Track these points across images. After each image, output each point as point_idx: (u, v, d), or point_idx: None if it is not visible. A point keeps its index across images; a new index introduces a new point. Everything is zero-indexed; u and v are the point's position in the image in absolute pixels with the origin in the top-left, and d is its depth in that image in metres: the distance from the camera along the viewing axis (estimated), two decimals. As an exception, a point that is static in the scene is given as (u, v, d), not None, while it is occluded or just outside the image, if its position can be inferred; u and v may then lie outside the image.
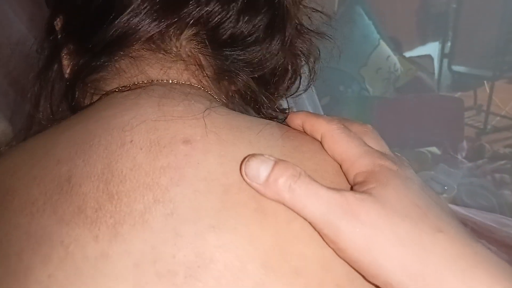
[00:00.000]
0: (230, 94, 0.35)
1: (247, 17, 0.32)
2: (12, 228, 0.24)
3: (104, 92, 0.31)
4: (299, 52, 0.36)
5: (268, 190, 0.23)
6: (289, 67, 0.36)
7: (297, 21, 0.36)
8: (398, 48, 1.80)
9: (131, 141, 0.25)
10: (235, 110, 0.30)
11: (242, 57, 0.33)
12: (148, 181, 0.24)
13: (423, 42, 2.10)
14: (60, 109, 0.36)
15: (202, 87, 0.31)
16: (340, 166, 0.26)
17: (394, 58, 1.69)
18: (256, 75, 0.34)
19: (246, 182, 0.23)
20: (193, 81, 0.31)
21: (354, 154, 0.25)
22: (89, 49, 0.31)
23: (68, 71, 0.34)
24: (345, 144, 0.25)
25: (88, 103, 0.33)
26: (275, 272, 0.22)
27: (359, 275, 0.23)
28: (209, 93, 0.32)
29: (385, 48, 1.67)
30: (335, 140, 0.26)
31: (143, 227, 0.22)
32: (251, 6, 0.32)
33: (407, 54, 1.88)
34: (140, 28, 0.30)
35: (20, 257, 0.23)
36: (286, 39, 0.34)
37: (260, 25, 0.33)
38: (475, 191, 1.26)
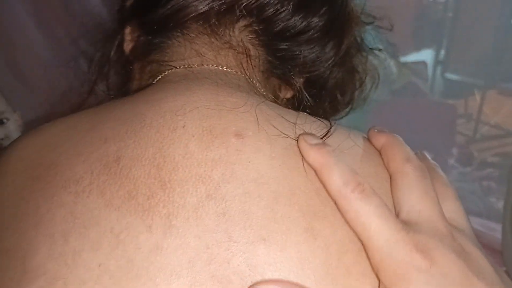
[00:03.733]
0: (278, 93, 0.34)
1: (302, 13, 0.31)
2: (55, 206, 0.23)
3: (157, 74, 0.31)
4: (356, 69, 0.35)
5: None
6: (344, 84, 0.34)
7: (357, 36, 0.35)
8: (394, 53, 1.82)
9: (184, 126, 0.24)
10: None
11: (293, 53, 0.32)
12: (201, 173, 0.23)
13: (418, 48, 2.13)
14: (111, 93, 0.35)
15: (251, 79, 0.31)
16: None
17: (390, 62, 1.71)
18: (307, 78, 0.33)
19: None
20: (242, 71, 0.31)
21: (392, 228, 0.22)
22: (148, 25, 0.31)
23: (129, 48, 0.34)
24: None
25: (142, 85, 0.32)
26: None
27: None
28: (258, 87, 0.31)
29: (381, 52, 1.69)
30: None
31: (197, 223, 0.22)
32: (308, 4, 0.31)
33: (402, 59, 1.90)
34: (193, 3, 0.30)
35: (66, 239, 0.22)
36: (342, 46, 0.33)
37: (317, 25, 0.32)
38: (464, 196, 1.28)
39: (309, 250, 0.21)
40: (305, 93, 0.34)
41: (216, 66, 0.30)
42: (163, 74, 0.30)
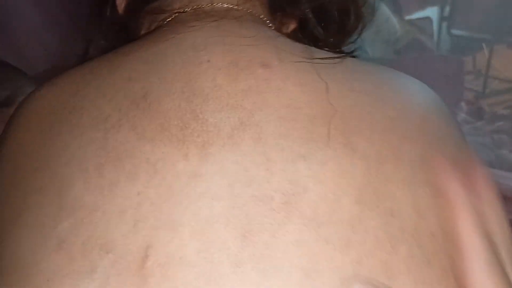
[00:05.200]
0: (282, 28, 0.34)
1: None
2: (85, 143, 0.22)
3: (164, 19, 0.30)
4: None
5: None
6: (350, 6, 0.35)
7: None
8: (397, 11, 1.79)
9: (209, 61, 0.24)
10: None
11: None
12: (232, 103, 0.23)
13: (423, 6, 2.09)
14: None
15: (260, 15, 0.31)
16: None
17: (394, 20, 1.69)
18: (315, 8, 0.33)
19: None
20: (249, 7, 0.31)
21: None
22: None
23: (122, 6, 0.34)
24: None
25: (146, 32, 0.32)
26: (370, 210, 0.21)
27: (451, 230, 0.22)
28: (267, 23, 0.31)
29: (384, 10, 1.66)
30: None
31: (233, 149, 0.22)
32: None
33: (407, 17, 1.87)
34: None
35: (100, 172, 0.22)
36: None
37: None
38: (476, 148, 1.28)
39: (349, 163, 0.22)
40: (313, 19, 0.33)
41: (227, 5, 0.30)
42: (171, 17, 0.30)
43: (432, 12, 2.07)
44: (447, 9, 2.09)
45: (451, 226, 0.23)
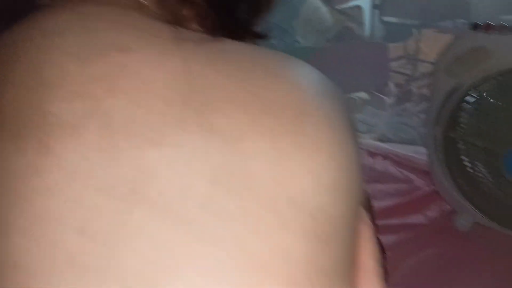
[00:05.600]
0: (180, 14, 0.31)
1: None
2: None
3: None
4: None
5: None
6: None
7: None
8: (328, 0, 1.84)
9: (58, 47, 0.23)
10: None
11: None
12: (79, 90, 0.22)
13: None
14: None
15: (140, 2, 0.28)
16: None
17: (324, 10, 1.74)
18: None
19: None
20: None
21: None
22: None
23: None
24: None
25: None
26: (224, 187, 0.21)
27: (316, 191, 0.23)
28: (147, 5, 0.28)
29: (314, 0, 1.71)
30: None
31: (76, 140, 0.21)
32: None
33: (337, 6, 1.93)
34: None
35: None
36: None
37: None
38: (399, 128, 1.35)
39: (204, 144, 0.21)
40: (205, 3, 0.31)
41: None
42: None
43: (363, 1, 2.14)
44: (378, -3, 2.17)
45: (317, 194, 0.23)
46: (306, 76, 0.27)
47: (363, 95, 1.57)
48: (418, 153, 1.17)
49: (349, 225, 0.24)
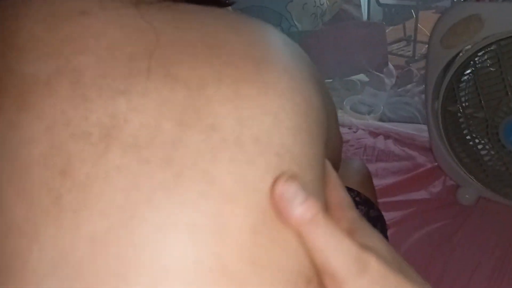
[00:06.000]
0: None
1: None
2: None
3: None
4: None
5: (294, 216, 0.22)
6: None
7: None
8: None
9: (26, 14, 0.25)
10: None
11: None
12: (49, 51, 0.23)
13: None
14: None
15: None
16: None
17: (320, -7, 1.72)
18: None
19: (274, 196, 0.22)
20: None
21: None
22: None
23: None
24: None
25: None
26: (191, 128, 0.22)
27: (279, 131, 0.24)
28: None
29: (309, -17, 1.70)
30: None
31: (50, 94, 0.22)
32: None
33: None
34: None
35: None
36: None
37: None
38: (400, 107, 1.34)
39: (170, 91, 0.23)
40: None
41: None
42: None
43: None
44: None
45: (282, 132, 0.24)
46: (266, 33, 0.29)
47: (362, 77, 1.56)
48: (419, 131, 1.17)
49: (314, 167, 0.25)
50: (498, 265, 0.82)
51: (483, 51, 0.79)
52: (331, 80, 1.53)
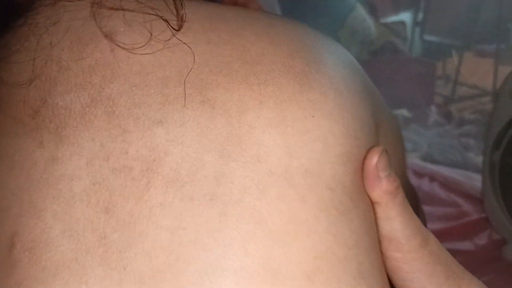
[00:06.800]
0: None
1: None
2: None
3: None
4: None
5: (381, 186, 0.23)
6: None
7: None
8: (373, 13, 1.83)
9: (50, 43, 0.24)
10: None
11: None
12: (80, 82, 0.23)
13: (397, 10, 2.14)
14: None
15: None
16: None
17: (369, 22, 1.72)
18: None
19: (368, 164, 0.23)
20: None
21: None
22: None
23: None
24: None
25: None
26: (235, 161, 0.21)
27: (329, 160, 0.22)
28: None
29: (361, 11, 1.69)
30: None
31: (87, 127, 0.22)
32: None
33: (382, 20, 1.91)
34: None
35: None
36: None
37: None
38: (444, 150, 1.31)
39: (208, 119, 0.22)
40: None
41: None
42: None
43: (406, 16, 2.12)
44: (420, 14, 2.15)
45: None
46: (307, 38, 0.26)
47: (404, 112, 1.54)
48: (465, 177, 1.13)
49: (368, 198, 0.24)
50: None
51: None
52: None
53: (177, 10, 0.24)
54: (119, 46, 0.23)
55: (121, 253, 0.20)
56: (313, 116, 0.23)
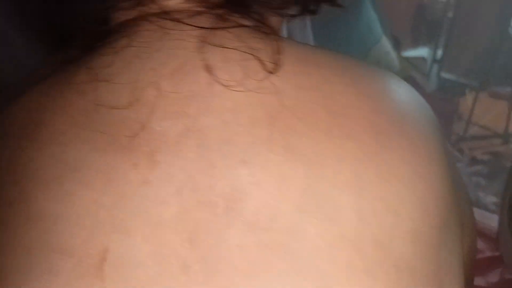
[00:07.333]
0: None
1: None
2: (46, 157, 0.24)
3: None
4: None
5: None
6: None
7: None
8: (396, 46, 1.86)
9: (153, 68, 0.25)
10: None
11: None
12: (177, 110, 0.24)
13: (416, 45, 2.17)
14: None
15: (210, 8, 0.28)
16: None
17: (393, 55, 1.75)
18: None
19: None
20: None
21: None
22: None
23: None
24: None
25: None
26: (310, 217, 0.21)
27: (399, 235, 0.22)
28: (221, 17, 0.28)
29: (386, 43, 1.72)
30: None
31: (179, 156, 0.23)
32: None
33: (404, 53, 1.94)
34: None
35: (60, 183, 0.23)
36: None
37: None
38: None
39: (289, 167, 0.22)
40: None
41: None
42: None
43: (425, 52, 2.15)
44: (440, 52, 2.18)
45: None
46: (395, 95, 0.26)
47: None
48: (478, 215, 1.15)
49: (435, 284, 0.23)
50: None
51: None
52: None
53: (274, 54, 0.25)
54: (216, 81, 0.24)
55: (202, 285, 0.21)
56: (387, 181, 0.23)
